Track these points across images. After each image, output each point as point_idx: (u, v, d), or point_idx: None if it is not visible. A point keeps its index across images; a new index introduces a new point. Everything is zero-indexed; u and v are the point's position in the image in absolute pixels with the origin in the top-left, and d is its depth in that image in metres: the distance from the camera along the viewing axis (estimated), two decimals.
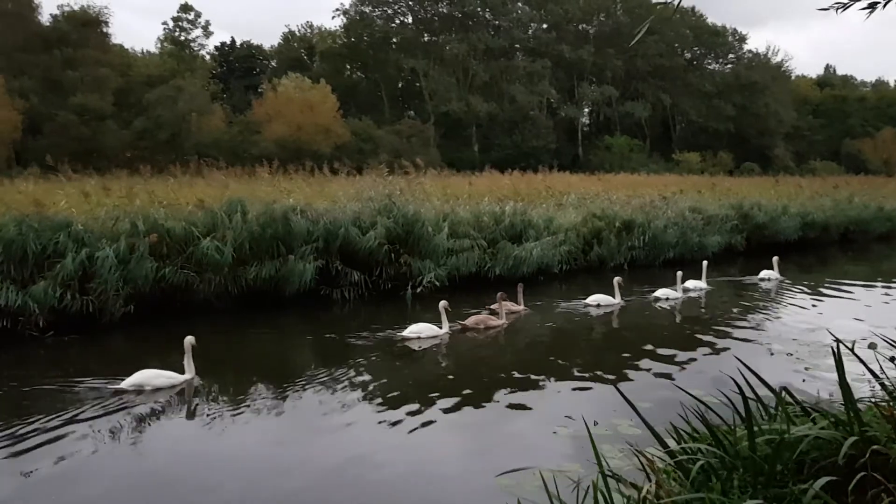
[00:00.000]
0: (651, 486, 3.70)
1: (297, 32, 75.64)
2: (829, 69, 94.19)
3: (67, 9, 52.04)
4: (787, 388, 4.38)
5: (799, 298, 15.68)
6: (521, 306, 13.67)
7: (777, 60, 78.26)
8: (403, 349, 10.98)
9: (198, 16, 63.04)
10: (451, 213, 16.92)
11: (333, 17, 70.28)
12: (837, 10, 3.80)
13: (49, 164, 17.06)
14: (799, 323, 12.71)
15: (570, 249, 17.86)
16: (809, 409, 4.34)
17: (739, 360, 5.32)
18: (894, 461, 3.49)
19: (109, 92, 49.06)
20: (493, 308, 13.06)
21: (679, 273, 15.57)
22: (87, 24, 51.37)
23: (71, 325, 11.43)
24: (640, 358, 10.24)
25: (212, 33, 66.17)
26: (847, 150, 71.32)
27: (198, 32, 63.77)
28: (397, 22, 69.31)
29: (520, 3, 71.34)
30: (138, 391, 8.59)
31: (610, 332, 13.08)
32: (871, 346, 8.58)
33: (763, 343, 11.12)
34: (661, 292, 15.17)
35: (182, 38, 63.36)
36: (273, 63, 72.71)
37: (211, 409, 8.40)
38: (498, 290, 13.09)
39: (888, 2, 3.58)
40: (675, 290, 15.28)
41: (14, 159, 41.40)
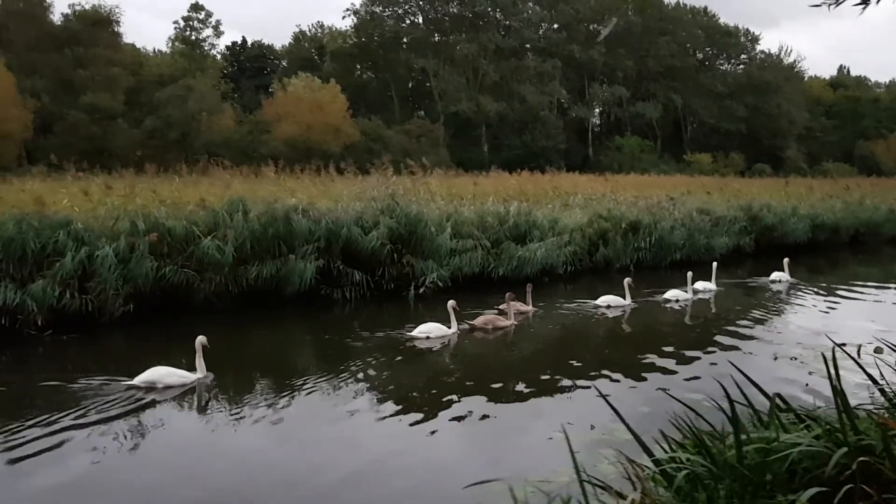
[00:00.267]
0: (636, 495, 3.60)
1: (307, 32, 75.82)
2: (842, 70, 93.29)
3: (79, 8, 52.35)
4: (780, 395, 4.27)
5: (809, 301, 15.52)
6: (530, 307, 13.60)
7: (790, 61, 77.76)
8: (410, 349, 10.93)
9: (209, 15, 63.25)
10: (454, 213, 16.83)
11: (344, 17, 70.74)
12: (830, 6, 3.71)
13: (53, 162, 17.09)
14: (807, 326, 12.59)
15: (575, 250, 17.73)
16: (804, 416, 4.23)
17: (734, 365, 5.22)
18: (889, 471, 3.37)
19: (120, 91, 49.29)
20: (501, 308, 12.98)
21: (689, 274, 15.46)
22: (98, 24, 51.60)
23: (70, 324, 11.39)
24: (646, 360, 10.14)
25: (222, 33, 66.35)
26: (860, 152, 70.66)
27: (208, 32, 63.99)
28: (408, 22, 69.27)
29: (530, 3, 71.12)
30: (150, 388, 8.61)
31: (619, 334, 12.96)
32: (877, 351, 8.42)
33: (769, 347, 10.99)
34: (672, 293, 15.05)
35: (193, 38, 63.52)
36: (284, 63, 72.82)
37: (211, 409, 8.43)
38: (501, 291, 13.03)
39: None
40: (686, 291, 15.17)
41: (26, 158, 41.70)
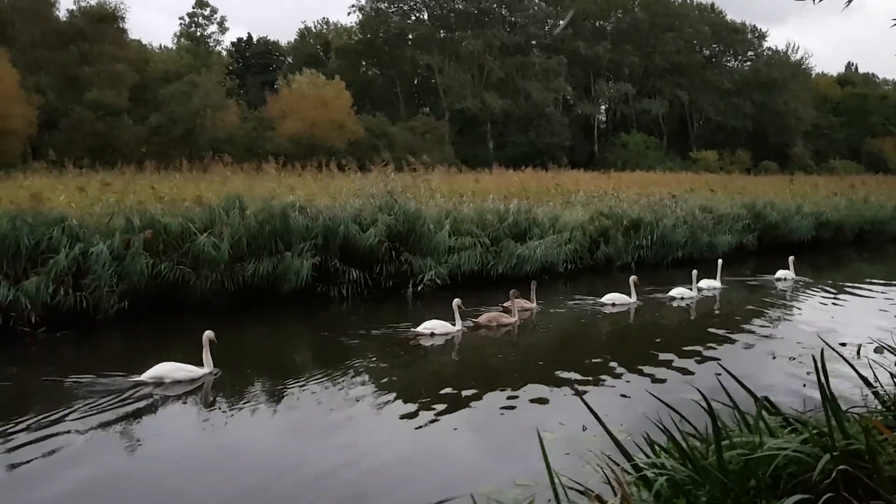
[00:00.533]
0: (616, 501, 3.52)
1: (313, 28, 75.70)
2: (850, 67, 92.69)
3: (84, 4, 52.39)
4: (768, 398, 4.17)
5: (813, 299, 15.46)
6: (534, 304, 13.57)
7: (797, 58, 77.34)
8: (412, 346, 10.91)
9: (213, 11, 63.13)
10: (453, 210, 16.74)
11: (349, 14, 70.71)
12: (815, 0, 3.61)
13: (52, 158, 17.08)
14: (810, 325, 12.48)
15: (575, 248, 17.62)
16: (792, 419, 4.12)
17: (723, 367, 5.13)
18: (878, 477, 3.27)
19: (126, 87, 49.26)
20: (506, 306, 12.95)
21: (695, 272, 15.42)
22: (104, 20, 51.63)
23: (64, 322, 11.32)
24: (648, 359, 10.07)
25: (227, 29, 65.99)
26: (868, 149, 70.29)
27: (213, 28, 63.89)
28: (413, 18, 69.15)
29: (536, 0, 71.01)
30: (158, 384, 8.62)
31: (622, 332, 12.89)
32: (877, 351, 8.31)
33: (770, 346, 10.90)
34: (677, 291, 15.01)
35: (198, 34, 63.49)
36: (289, 59, 72.80)
37: (215, 405, 8.49)
38: (500, 289, 12.99)
39: None
40: (691, 289, 15.13)
41: (31, 154, 41.73)
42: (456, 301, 11.76)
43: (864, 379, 4.42)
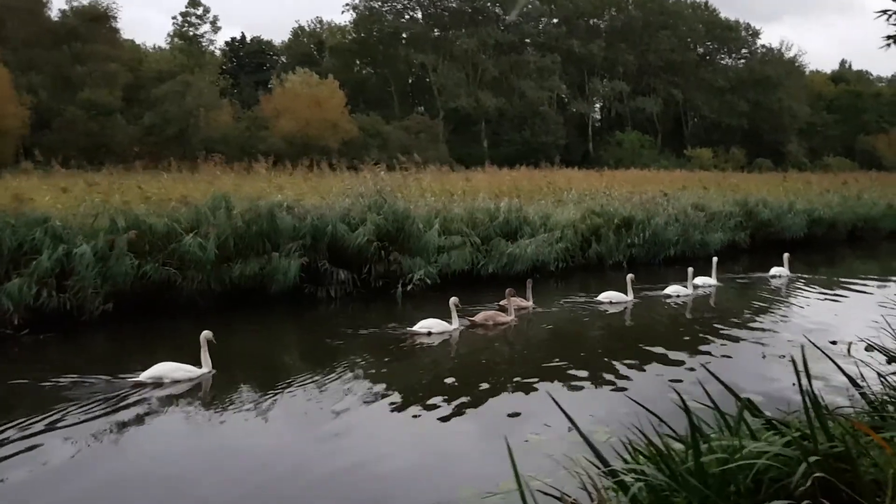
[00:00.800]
0: None
1: (306, 28, 75.60)
2: (844, 64, 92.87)
3: (77, 4, 52.22)
4: (750, 399, 4.07)
5: (807, 297, 15.41)
6: (530, 302, 13.51)
7: (791, 55, 77.56)
8: (404, 346, 10.84)
9: (206, 11, 62.90)
10: (443, 209, 16.62)
11: (343, 13, 70.55)
12: None
13: (38, 159, 16.92)
14: (803, 323, 12.41)
15: (566, 247, 17.52)
16: (776, 421, 4.02)
17: (706, 368, 5.02)
18: (858, 482, 3.17)
19: (119, 87, 49.14)
20: (502, 304, 12.88)
21: (690, 270, 15.43)
22: (97, 19, 51.53)
23: (48, 323, 11.20)
24: (641, 358, 10.03)
25: (219, 28, 65.88)
26: (862, 146, 70.47)
27: (206, 28, 63.67)
28: (407, 17, 69.12)
29: None
30: (157, 384, 8.58)
31: (618, 331, 12.80)
32: (868, 349, 8.23)
33: (761, 345, 10.78)
34: (672, 289, 14.99)
35: (191, 34, 63.27)
36: (283, 58, 72.64)
37: (206, 405, 8.46)
38: (491, 288, 12.92)
39: None
40: (686, 286, 15.11)
41: (23, 155, 41.51)
42: (453, 300, 11.69)
43: (851, 379, 4.32)
